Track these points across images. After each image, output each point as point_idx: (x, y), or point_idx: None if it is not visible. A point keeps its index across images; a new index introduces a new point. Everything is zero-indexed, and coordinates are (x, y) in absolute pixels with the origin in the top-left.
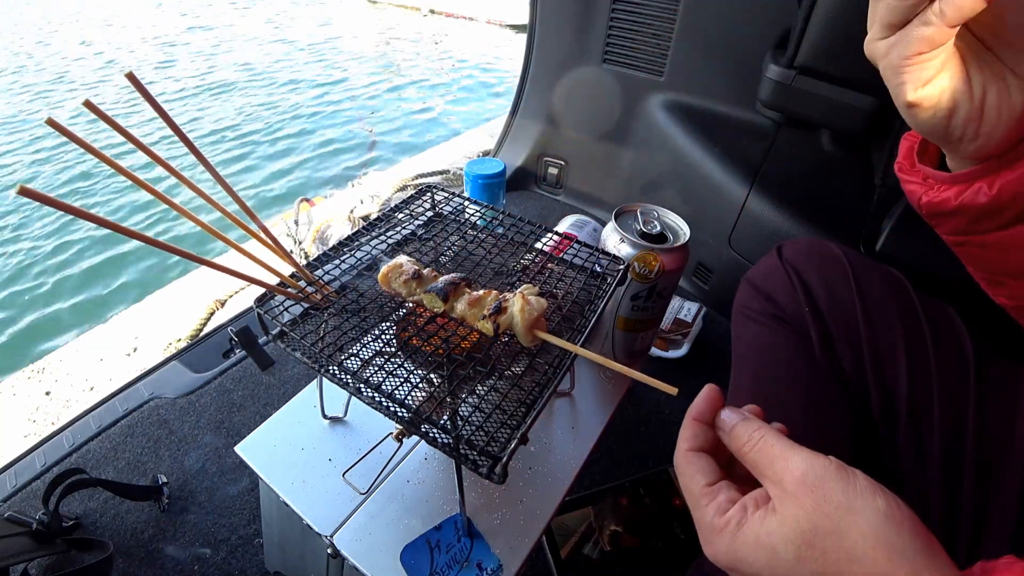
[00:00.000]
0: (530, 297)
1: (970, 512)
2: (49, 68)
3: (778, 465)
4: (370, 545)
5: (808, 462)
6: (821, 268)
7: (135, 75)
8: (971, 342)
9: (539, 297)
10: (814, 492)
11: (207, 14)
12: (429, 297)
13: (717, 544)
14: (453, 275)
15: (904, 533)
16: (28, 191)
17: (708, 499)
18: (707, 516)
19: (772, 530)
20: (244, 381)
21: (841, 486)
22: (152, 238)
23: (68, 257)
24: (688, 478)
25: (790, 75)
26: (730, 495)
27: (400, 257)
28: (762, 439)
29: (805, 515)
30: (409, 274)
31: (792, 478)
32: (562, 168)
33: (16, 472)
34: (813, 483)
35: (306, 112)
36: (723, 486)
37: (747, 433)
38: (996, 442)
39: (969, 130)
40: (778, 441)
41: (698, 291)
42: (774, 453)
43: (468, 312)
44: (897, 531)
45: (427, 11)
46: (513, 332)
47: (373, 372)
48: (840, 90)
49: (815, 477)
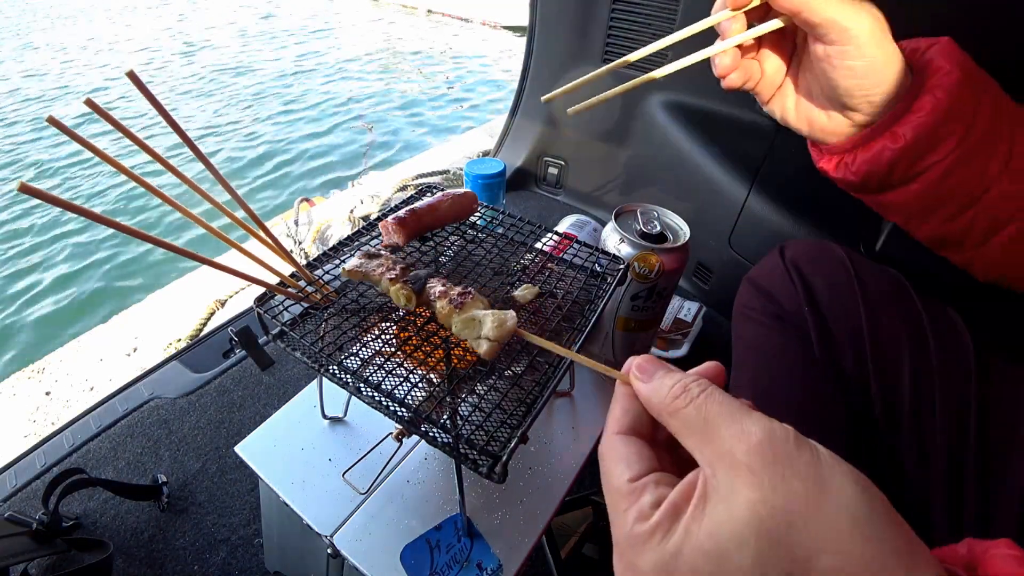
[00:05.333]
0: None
1: (973, 512)
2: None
3: (726, 429)
4: (370, 545)
5: (768, 426)
6: (825, 269)
7: (135, 74)
8: (972, 342)
9: (508, 319)
10: (777, 464)
11: (204, 5)
12: (395, 290)
13: (639, 563)
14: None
15: (881, 512)
16: (29, 188)
17: (629, 500)
18: (625, 524)
19: (718, 526)
20: (244, 381)
21: (807, 456)
22: (153, 237)
23: (66, 257)
24: (608, 471)
25: None
26: (660, 493)
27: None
28: (704, 393)
29: (763, 498)
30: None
31: (747, 446)
32: (562, 168)
33: (16, 472)
34: (776, 453)
35: (306, 112)
36: (651, 482)
37: (679, 383)
38: (999, 442)
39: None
40: (725, 398)
41: (698, 291)
42: (720, 412)
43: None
44: (874, 510)
45: (425, 11)
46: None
47: (373, 371)
48: None
49: (778, 444)
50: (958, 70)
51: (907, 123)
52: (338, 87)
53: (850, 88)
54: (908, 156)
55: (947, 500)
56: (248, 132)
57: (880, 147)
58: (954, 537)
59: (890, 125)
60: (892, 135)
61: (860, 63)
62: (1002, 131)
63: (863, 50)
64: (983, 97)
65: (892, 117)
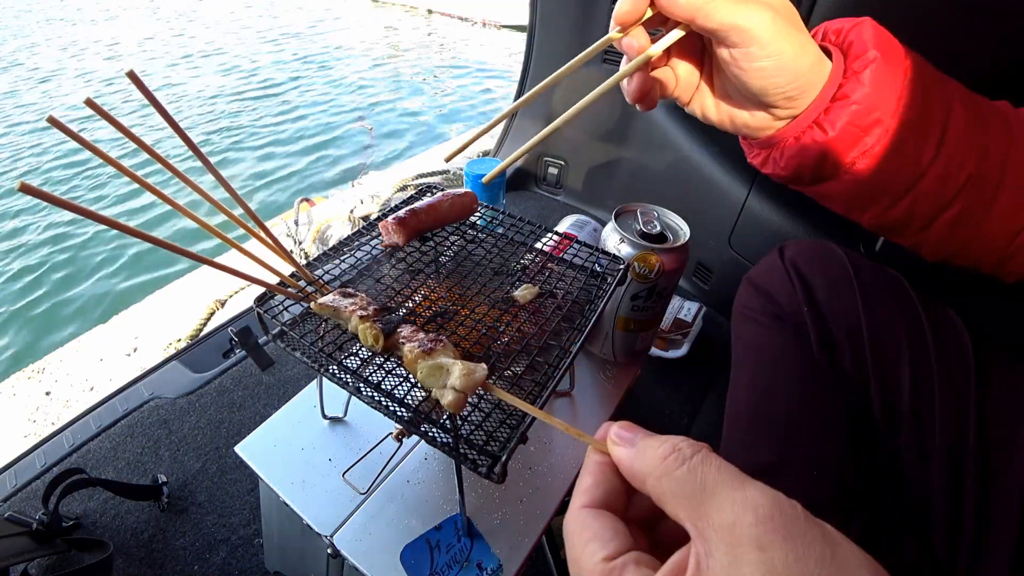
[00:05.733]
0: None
1: (972, 512)
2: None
3: (727, 497)
4: (370, 545)
5: (776, 497)
6: (824, 269)
7: (136, 74)
8: (971, 343)
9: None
10: (789, 541)
11: (203, 8)
12: (363, 328)
13: None
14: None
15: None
16: (29, 188)
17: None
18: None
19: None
20: (244, 381)
21: (820, 534)
22: (154, 236)
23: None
24: (578, 550)
25: None
26: (642, 575)
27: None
28: (699, 455)
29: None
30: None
31: (755, 517)
32: (562, 168)
33: (16, 472)
34: (788, 528)
35: (306, 112)
36: (631, 561)
37: (668, 444)
38: (999, 442)
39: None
40: (723, 463)
41: (698, 291)
42: (719, 478)
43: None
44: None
45: (426, 11)
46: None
47: (373, 371)
48: None
49: (789, 519)
50: (880, 54)
51: (831, 114)
52: (338, 87)
53: (763, 87)
54: (835, 148)
55: (947, 500)
56: (248, 132)
57: (806, 140)
58: (954, 536)
59: (813, 117)
60: (817, 128)
61: (768, 62)
62: (933, 112)
63: (767, 48)
64: (909, 80)
65: (815, 108)
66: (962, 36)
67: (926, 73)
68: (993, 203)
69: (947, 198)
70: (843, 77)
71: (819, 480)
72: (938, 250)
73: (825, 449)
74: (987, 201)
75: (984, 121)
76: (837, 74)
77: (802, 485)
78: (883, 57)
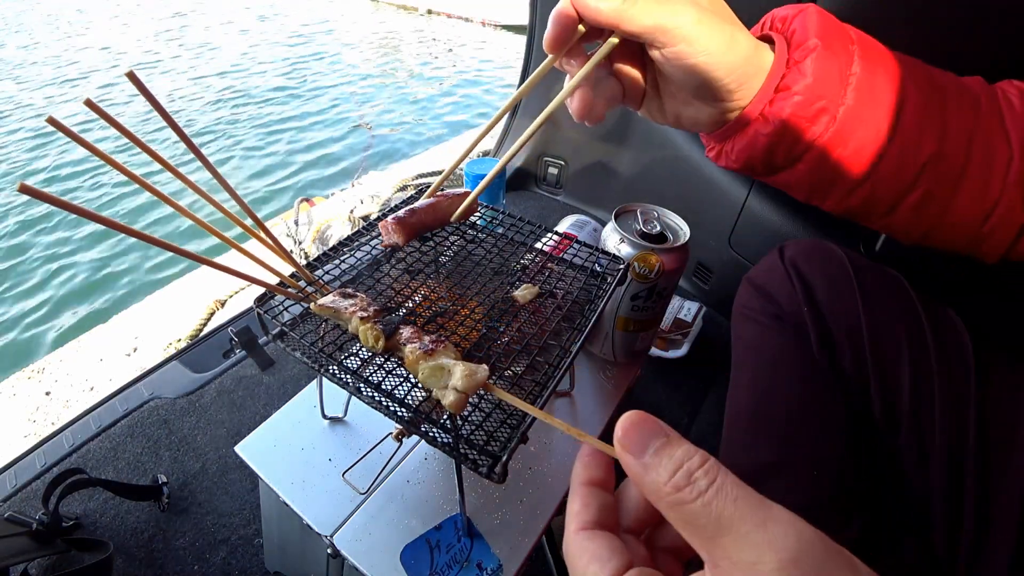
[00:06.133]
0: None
1: (972, 512)
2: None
3: (745, 534)
4: (370, 545)
5: (798, 534)
6: (824, 269)
7: (135, 74)
8: (971, 343)
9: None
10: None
11: (201, 9)
12: (364, 329)
13: None
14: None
15: None
16: (28, 188)
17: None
18: None
19: None
20: (244, 381)
21: (846, 570)
22: (154, 237)
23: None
24: (579, 573)
25: None
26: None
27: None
28: (714, 486)
29: None
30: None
31: (778, 558)
32: (562, 168)
33: (16, 472)
34: (815, 567)
35: (306, 112)
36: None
37: (682, 472)
38: (998, 442)
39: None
40: (741, 492)
41: (698, 291)
42: (737, 513)
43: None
44: None
45: (425, 11)
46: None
47: (373, 371)
48: None
49: (815, 561)
50: (821, 42)
51: (774, 106)
52: (338, 87)
53: (700, 83)
54: (783, 139)
55: (947, 500)
56: (248, 133)
57: (753, 133)
58: (954, 536)
59: (760, 109)
60: (762, 120)
61: (699, 59)
62: (883, 97)
63: (696, 46)
64: (855, 65)
65: (760, 100)
66: (962, 36)
67: (875, 57)
68: (959, 185)
69: (908, 182)
70: (786, 67)
71: (819, 480)
72: (907, 234)
73: (825, 449)
74: (952, 183)
75: (944, 101)
76: (780, 64)
77: (802, 485)
78: (824, 45)
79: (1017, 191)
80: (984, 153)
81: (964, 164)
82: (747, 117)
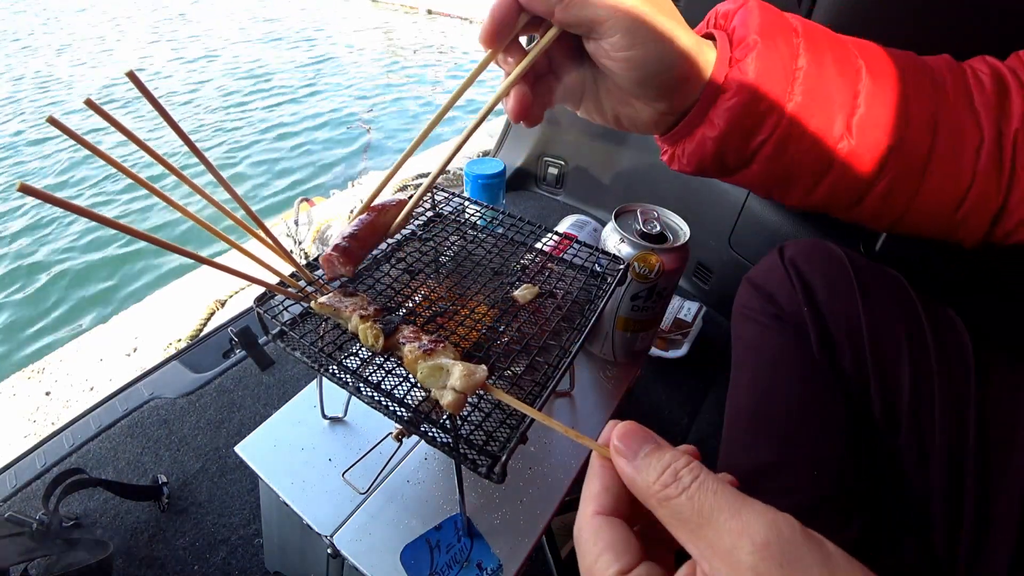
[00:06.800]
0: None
1: (972, 512)
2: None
3: (724, 524)
4: (370, 545)
5: (770, 521)
6: (824, 269)
7: (135, 74)
8: (971, 343)
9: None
10: (786, 568)
11: (200, 9)
12: (364, 328)
13: None
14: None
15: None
16: (29, 188)
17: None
18: None
19: None
20: (244, 381)
21: (818, 556)
22: (154, 236)
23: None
24: (590, 558)
25: None
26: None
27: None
28: (696, 481)
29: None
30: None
31: (751, 545)
32: (562, 168)
33: (16, 472)
34: (785, 553)
35: (306, 112)
36: (644, 574)
37: (669, 470)
38: (998, 442)
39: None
40: (720, 487)
41: (698, 291)
42: (716, 504)
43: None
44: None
45: (425, 11)
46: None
47: (373, 371)
48: None
49: (785, 543)
50: (761, 39)
51: (718, 107)
52: (338, 87)
53: (637, 79)
54: (731, 140)
55: (947, 500)
56: (247, 133)
57: (700, 136)
58: (954, 537)
59: (706, 110)
60: (708, 122)
61: (635, 52)
62: (833, 89)
63: (631, 38)
64: (800, 59)
65: (705, 101)
66: (962, 36)
67: (823, 48)
68: (925, 171)
69: (871, 173)
70: (728, 66)
71: (819, 480)
72: (877, 223)
73: (825, 449)
74: (917, 171)
75: (904, 86)
76: (723, 63)
77: (802, 485)
78: (765, 42)
79: (990, 176)
80: (951, 138)
81: (929, 151)
82: (694, 119)
